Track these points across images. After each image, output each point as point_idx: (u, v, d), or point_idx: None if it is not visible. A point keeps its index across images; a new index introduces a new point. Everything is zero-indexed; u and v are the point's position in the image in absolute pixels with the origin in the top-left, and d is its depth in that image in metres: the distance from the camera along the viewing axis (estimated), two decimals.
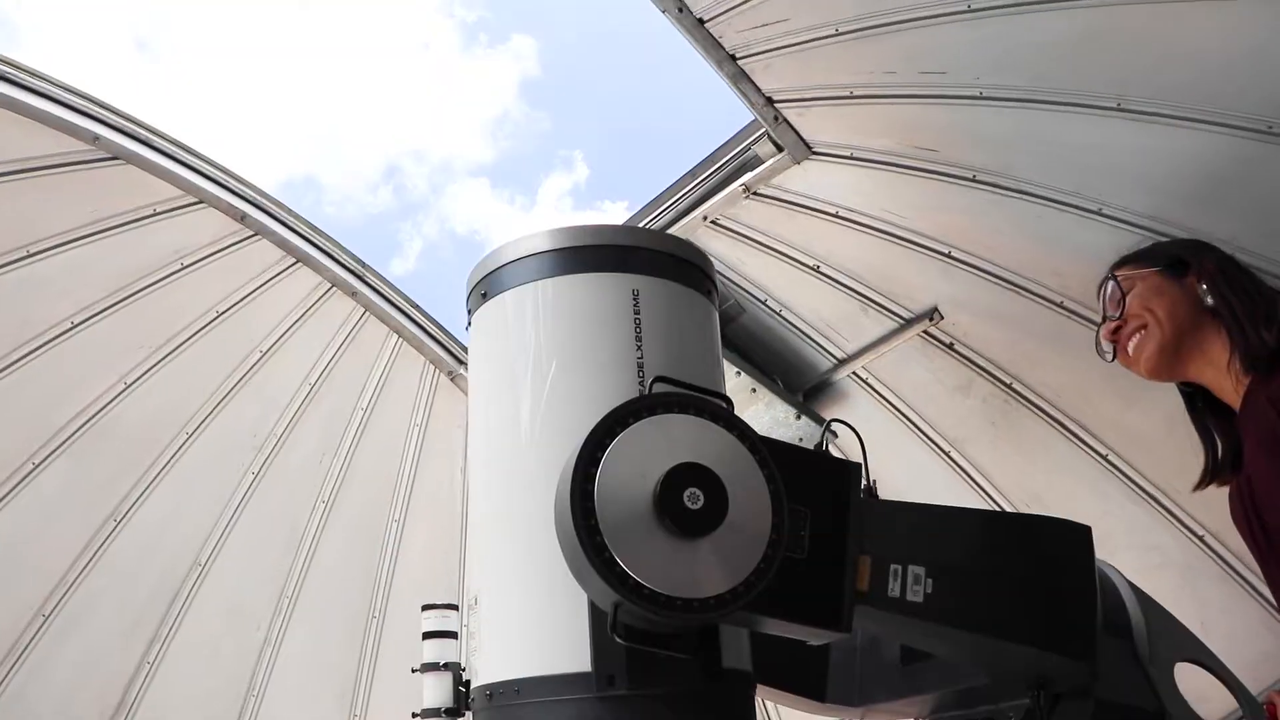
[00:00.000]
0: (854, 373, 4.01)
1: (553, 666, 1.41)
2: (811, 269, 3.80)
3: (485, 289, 1.69)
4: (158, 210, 3.45)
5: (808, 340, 4.04)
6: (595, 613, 1.36)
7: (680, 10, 3.03)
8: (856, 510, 1.40)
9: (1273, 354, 1.81)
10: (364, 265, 4.05)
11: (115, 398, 3.61)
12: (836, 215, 3.59)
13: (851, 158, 3.37)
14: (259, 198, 3.64)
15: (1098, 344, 2.15)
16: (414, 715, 2.16)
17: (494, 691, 1.47)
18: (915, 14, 2.76)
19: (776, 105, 3.30)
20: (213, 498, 3.95)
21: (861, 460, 1.49)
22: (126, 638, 3.82)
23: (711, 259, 1.76)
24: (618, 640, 1.25)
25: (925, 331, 3.75)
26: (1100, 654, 1.43)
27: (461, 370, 4.38)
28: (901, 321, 3.78)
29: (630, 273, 1.60)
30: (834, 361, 4.04)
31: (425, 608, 2.34)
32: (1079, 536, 1.50)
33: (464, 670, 2.05)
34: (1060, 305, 3.32)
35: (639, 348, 1.53)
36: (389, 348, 4.23)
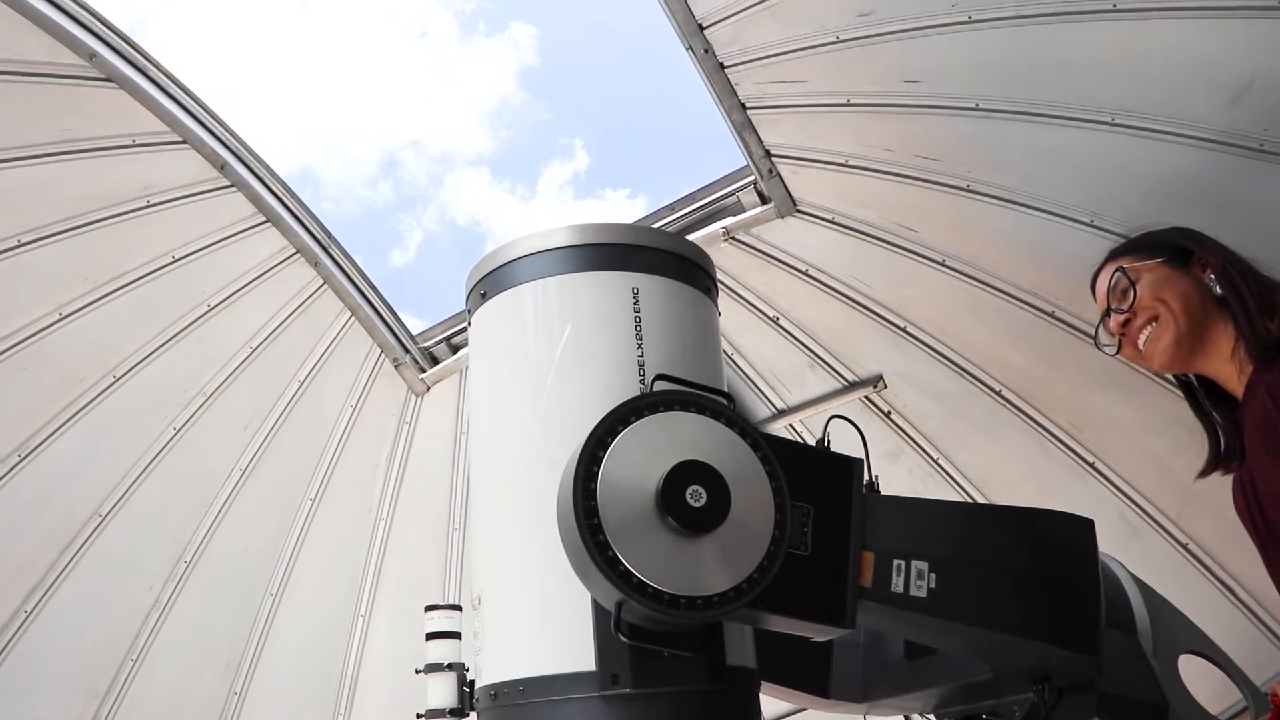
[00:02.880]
0: (790, 425, 4.15)
1: (557, 666, 1.40)
2: (771, 320, 3.93)
3: (485, 289, 1.67)
4: (137, 142, 3.31)
5: (752, 386, 4.17)
6: (599, 611, 1.36)
7: (705, 52, 3.14)
8: (859, 506, 1.40)
9: (1276, 344, 1.79)
10: (330, 237, 3.99)
11: (47, 327, 3.41)
12: (806, 273, 3.74)
13: (833, 222, 3.53)
14: (243, 150, 3.54)
15: (1096, 338, 2.06)
16: (418, 716, 2.09)
17: (498, 691, 1.46)
18: (926, 101, 2.95)
19: (774, 159, 3.44)
20: (128, 447, 3.75)
21: (863, 456, 1.50)
22: (6, 584, 3.57)
23: None
24: (622, 639, 1.27)
25: (866, 397, 3.93)
26: (1104, 647, 1.43)
27: (407, 360, 4.33)
28: (846, 384, 3.95)
29: (630, 271, 1.60)
30: (773, 411, 4.17)
31: (429, 608, 2.27)
32: (1081, 530, 1.48)
33: (468, 670, 2.01)
34: (999, 394, 3.55)
35: (640, 346, 1.53)
36: (339, 324, 4.14)
